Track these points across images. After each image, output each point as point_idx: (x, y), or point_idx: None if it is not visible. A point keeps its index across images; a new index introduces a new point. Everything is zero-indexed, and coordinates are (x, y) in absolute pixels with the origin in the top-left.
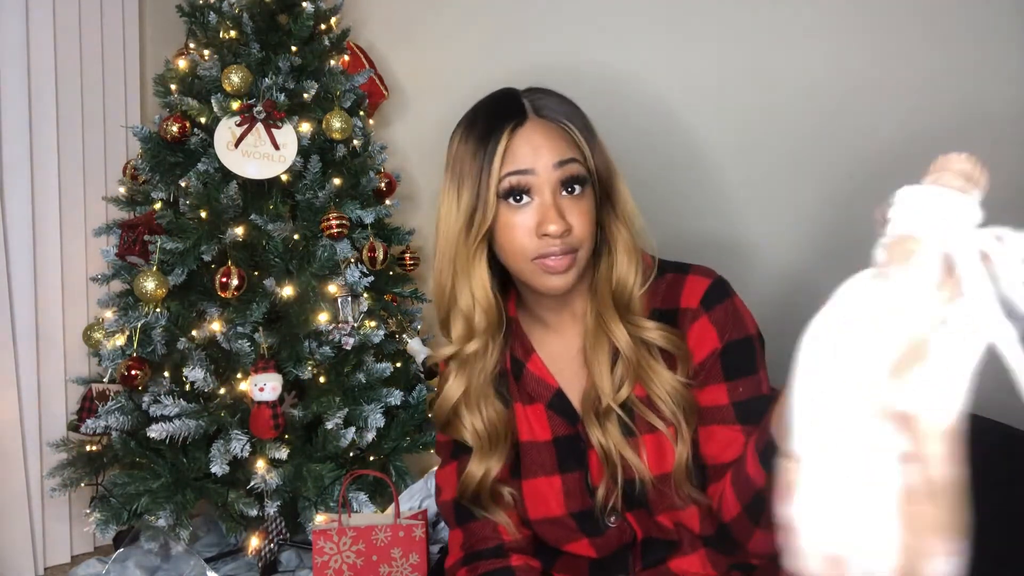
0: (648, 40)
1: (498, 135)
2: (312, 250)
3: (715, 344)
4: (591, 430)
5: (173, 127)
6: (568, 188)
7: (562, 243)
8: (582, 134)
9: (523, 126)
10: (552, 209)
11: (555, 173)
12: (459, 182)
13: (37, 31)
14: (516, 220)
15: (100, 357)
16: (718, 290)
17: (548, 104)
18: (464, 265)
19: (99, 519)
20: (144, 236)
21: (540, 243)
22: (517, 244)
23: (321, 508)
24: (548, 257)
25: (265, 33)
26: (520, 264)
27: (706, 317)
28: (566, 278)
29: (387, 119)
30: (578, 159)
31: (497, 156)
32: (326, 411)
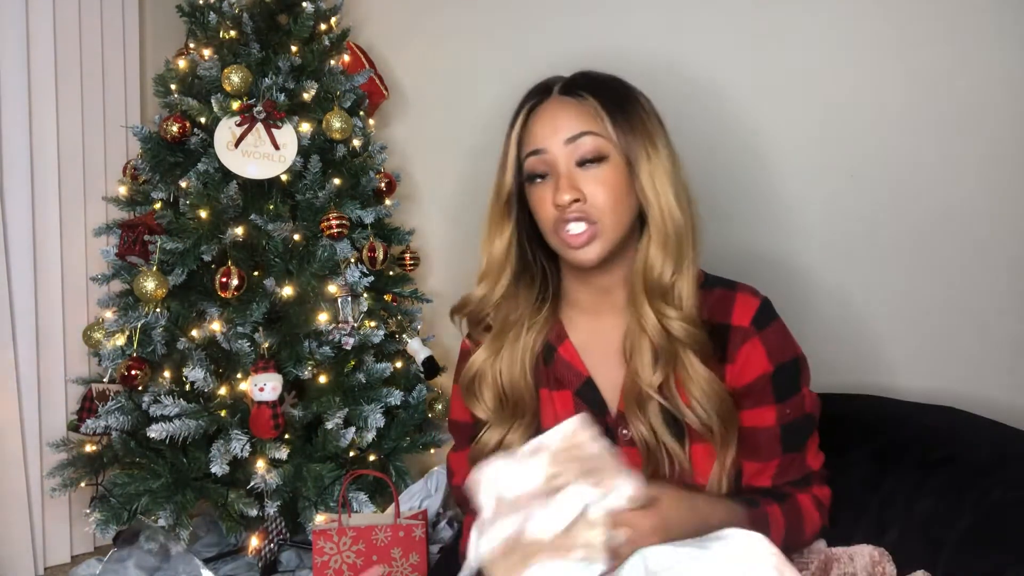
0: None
1: (517, 116)
2: (312, 250)
3: (766, 367)
4: (634, 423)
5: (173, 127)
6: (585, 161)
7: (576, 211)
8: (606, 107)
9: (542, 104)
10: (564, 179)
11: (566, 149)
12: (499, 160)
13: (37, 31)
14: (540, 196)
15: (100, 357)
16: (767, 311)
17: (577, 80)
18: (493, 231)
19: (99, 519)
20: (144, 236)
21: (557, 214)
22: (542, 219)
23: (321, 508)
24: (566, 227)
25: (265, 33)
26: (552, 239)
27: (758, 338)
28: (588, 251)
29: (387, 119)
30: (594, 131)
31: (514, 136)
32: (326, 411)
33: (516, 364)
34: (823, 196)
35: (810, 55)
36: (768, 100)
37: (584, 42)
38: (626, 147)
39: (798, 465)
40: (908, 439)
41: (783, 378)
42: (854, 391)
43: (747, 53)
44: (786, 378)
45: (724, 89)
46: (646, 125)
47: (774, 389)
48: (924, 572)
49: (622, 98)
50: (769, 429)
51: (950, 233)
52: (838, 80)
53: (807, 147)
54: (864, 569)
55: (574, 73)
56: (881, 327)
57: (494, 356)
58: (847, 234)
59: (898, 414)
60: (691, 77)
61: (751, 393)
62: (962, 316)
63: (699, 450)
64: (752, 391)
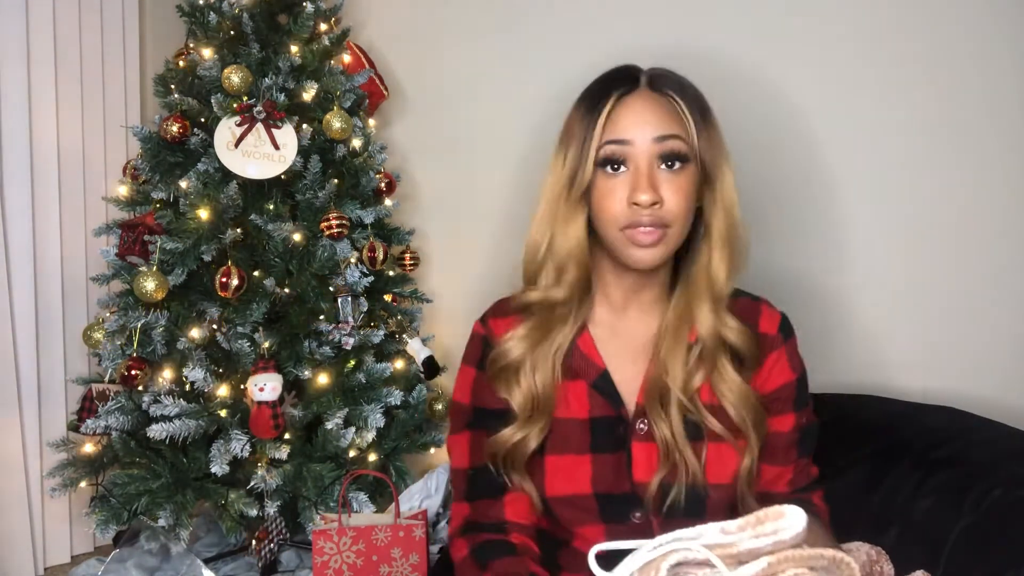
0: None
1: (605, 101)
2: (312, 250)
3: (789, 376)
4: (656, 422)
5: (173, 127)
6: (667, 162)
7: (652, 215)
8: (691, 112)
9: (630, 95)
10: (645, 179)
11: (654, 146)
12: (567, 145)
13: (37, 31)
14: (611, 187)
15: (100, 357)
16: (788, 323)
17: (664, 78)
18: (564, 222)
19: (99, 519)
20: (144, 236)
21: (630, 212)
22: (609, 212)
23: (321, 508)
24: (637, 228)
25: (265, 33)
26: (611, 232)
27: (784, 348)
28: (652, 253)
29: (387, 119)
30: (681, 136)
31: (600, 122)
32: (326, 411)
33: (548, 361)
34: (821, 196)
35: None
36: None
37: (587, 41)
38: (704, 156)
39: (806, 472)
40: (908, 439)
41: (803, 388)
42: (854, 391)
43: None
44: (804, 388)
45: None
46: (720, 138)
47: (796, 397)
48: (924, 572)
49: (704, 106)
50: (788, 434)
51: (950, 233)
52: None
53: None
54: (861, 568)
55: (653, 67)
56: (881, 327)
57: (531, 349)
58: (846, 234)
59: (898, 414)
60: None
61: (776, 400)
62: (962, 316)
63: (714, 451)
64: (776, 399)
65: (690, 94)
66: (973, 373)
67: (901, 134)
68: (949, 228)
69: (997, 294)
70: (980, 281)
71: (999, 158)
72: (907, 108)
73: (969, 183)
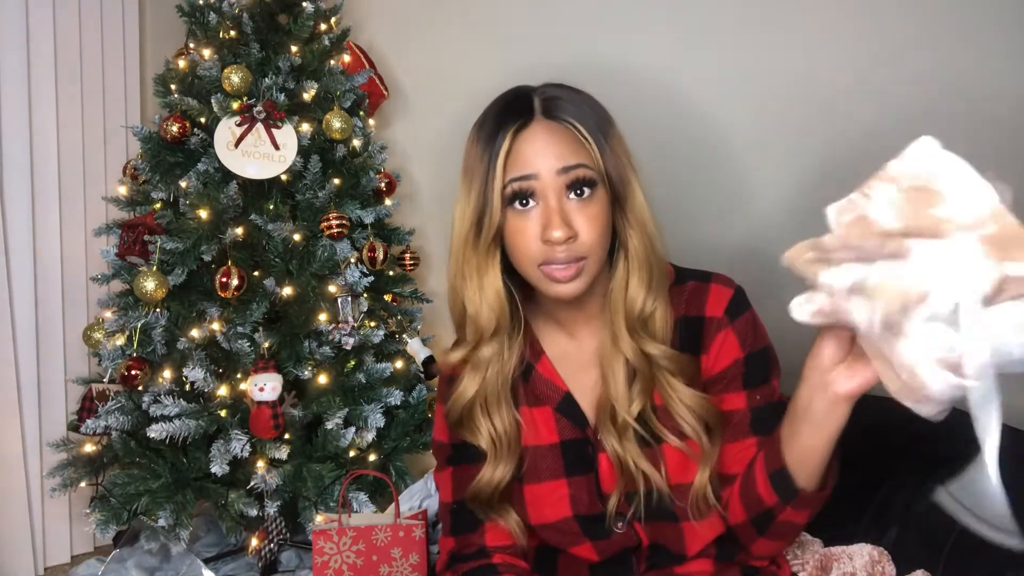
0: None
1: (502, 138)
2: (312, 250)
3: (737, 354)
4: (607, 438)
5: (173, 127)
6: (576, 191)
7: (567, 250)
8: (593, 136)
9: (527, 127)
10: (556, 215)
11: (559, 178)
12: (469, 183)
13: (37, 31)
14: (522, 225)
15: (100, 357)
16: (740, 300)
17: (559, 103)
18: (473, 269)
19: (99, 519)
20: (144, 236)
21: (545, 249)
22: (523, 251)
23: (321, 508)
24: (553, 264)
25: (265, 33)
26: (529, 270)
27: (730, 328)
28: (572, 286)
29: (387, 119)
30: (585, 163)
31: (499, 160)
32: (326, 411)
33: (500, 400)
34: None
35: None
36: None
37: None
38: (612, 175)
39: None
40: (908, 439)
41: (754, 365)
42: None
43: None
44: (756, 366)
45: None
46: (625, 151)
47: (745, 375)
48: (924, 572)
49: (603, 122)
50: (739, 412)
51: None
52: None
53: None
54: (863, 568)
55: (544, 86)
56: None
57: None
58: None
59: (898, 414)
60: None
61: (722, 379)
62: None
63: (674, 454)
64: (723, 377)
65: (586, 113)
66: None
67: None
68: None
69: None
70: None
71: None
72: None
73: None
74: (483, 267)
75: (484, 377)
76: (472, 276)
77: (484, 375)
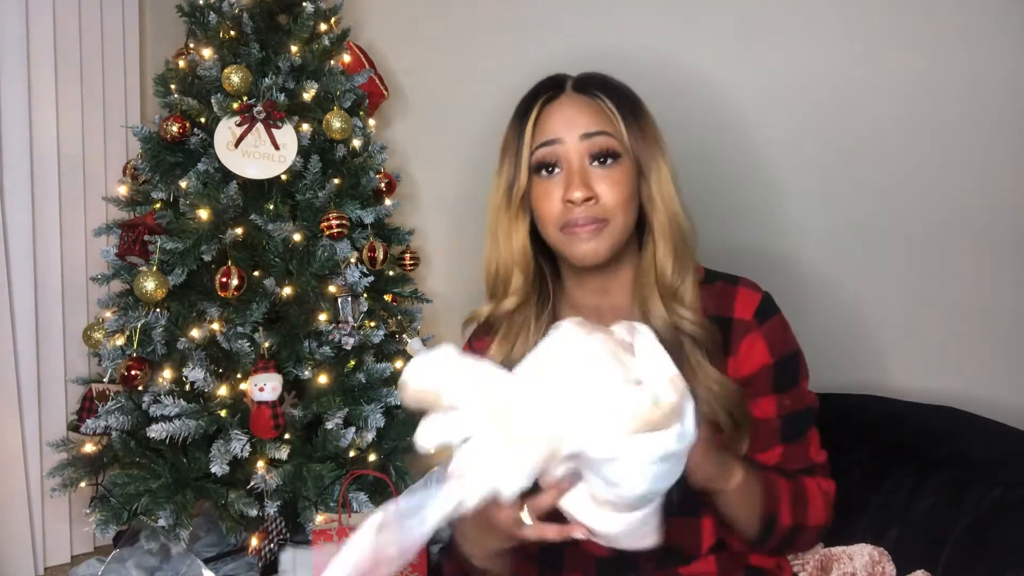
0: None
1: (531, 108)
2: (312, 250)
3: (766, 359)
4: None
5: (173, 127)
6: (599, 159)
7: (586, 212)
8: (619, 110)
9: (556, 99)
10: (577, 176)
11: (583, 144)
12: (503, 157)
13: (37, 31)
14: (546, 189)
15: (100, 357)
16: (769, 304)
17: (590, 80)
18: (505, 232)
19: (99, 519)
20: (144, 236)
21: (565, 210)
22: (547, 213)
23: (321, 508)
24: (575, 224)
25: (265, 33)
26: (552, 233)
27: (759, 331)
28: (594, 245)
29: (387, 119)
30: (609, 132)
31: (528, 128)
32: (326, 411)
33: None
34: (820, 195)
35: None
36: (762, 96)
37: (584, 41)
38: (637, 151)
39: (801, 456)
40: (908, 439)
41: (783, 370)
42: (854, 391)
43: (739, 49)
44: (786, 371)
45: (717, 85)
46: (654, 132)
47: (774, 381)
48: (924, 572)
49: (633, 103)
50: (768, 420)
51: (949, 232)
52: (834, 79)
53: (802, 145)
54: (864, 569)
55: (582, 72)
56: (881, 327)
57: (504, 359)
58: (845, 233)
59: (898, 414)
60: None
61: (751, 384)
62: (962, 316)
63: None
64: (752, 382)
65: (617, 92)
66: (973, 373)
67: (899, 133)
68: (950, 228)
69: (997, 294)
70: (981, 281)
71: (999, 157)
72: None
73: (969, 182)
74: (511, 229)
75: (511, 349)
76: (502, 239)
77: (511, 347)
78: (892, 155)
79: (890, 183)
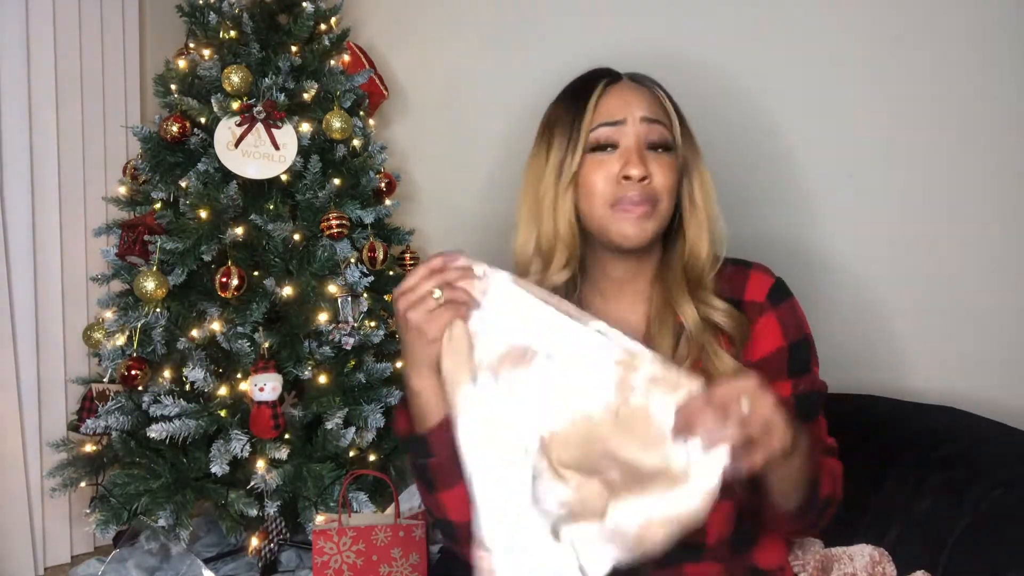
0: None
1: (592, 88)
2: (312, 250)
3: (780, 342)
4: None
5: (173, 127)
6: (655, 148)
7: (641, 189)
8: (672, 105)
9: (617, 83)
10: (635, 154)
11: (643, 127)
12: (550, 137)
13: (37, 31)
14: (600, 167)
15: (100, 357)
16: (782, 288)
17: (644, 76)
18: (551, 208)
19: (99, 519)
20: (144, 236)
21: (618, 187)
22: (598, 190)
23: (321, 508)
24: (626, 203)
25: (265, 33)
26: (599, 211)
27: (772, 313)
28: (643, 226)
29: (387, 119)
30: (665, 123)
31: (590, 106)
32: (326, 411)
33: None
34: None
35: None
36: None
37: (585, 41)
38: (683, 147)
39: (814, 438)
40: (908, 439)
41: (797, 355)
42: (855, 391)
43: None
44: (799, 355)
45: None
46: (692, 134)
47: (789, 365)
48: (924, 572)
49: (677, 105)
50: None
51: (950, 233)
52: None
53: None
54: (864, 569)
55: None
56: (881, 327)
57: None
58: (844, 235)
59: (898, 414)
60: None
61: (764, 367)
62: (963, 316)
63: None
64: (765, 365)
65: (667, 93)
66: (973, 373)
67: (900, 130)
68: (949, 228)
69: (997, 294)
70: (980, 281)
71: (999, 157)
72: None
73: (971, 181)
74: (558, 205)
75: None
76: (547, 213)
77: None
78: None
79: (892, 185)
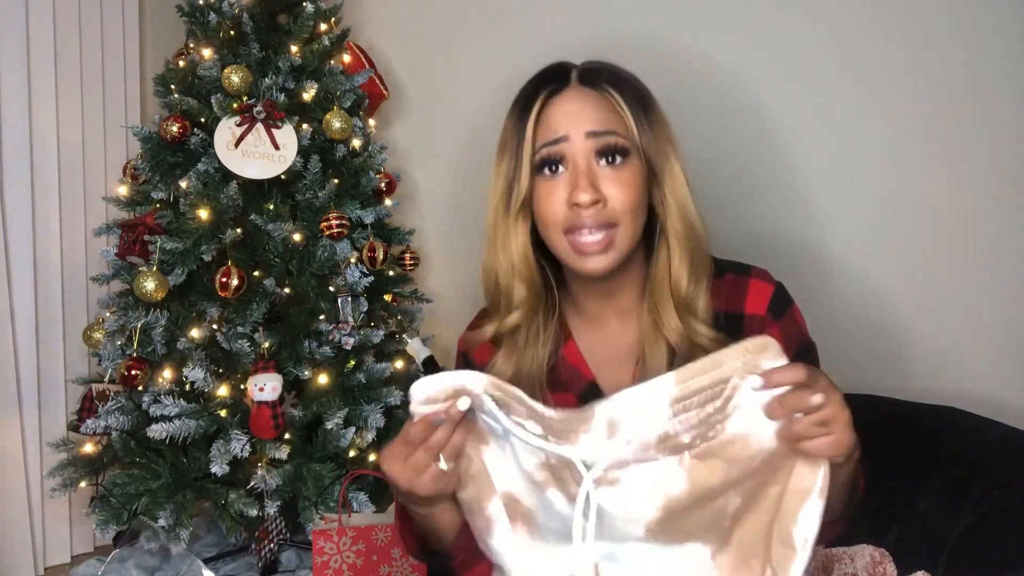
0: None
1: (533, 102)
2: (312, 250)
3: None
4: None
5: (173, 127)
6: (606, 158)
7: (594, 215)
8: (628, 106)
9: (560, 93)
10: (583, 177)
11: (589, 142)
12: (501, 155)
13: (37, 31)
14: (549, 191)
15: (100, 357)
16: (782, 296)
17: (597, 72)
18: (504, 238)
19: (99, 519)
20: (144, 236)
21: (571, 214)
22: (549, 216)
23: (321, 508)
24: (580, 232)
25: (265, 33)
26: (556, 238)
27: (776, 327)
28: (602, 260)
29: (387, 119)
30: (617, 131)
31: (529, 125)
32: (326, 411)
33: (533, 383)
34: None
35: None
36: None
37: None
38: (648, 151)
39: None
40: (908, 439)
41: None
42: (855, 391)
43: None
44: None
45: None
46: (666, 129)
47: None
48: (925, 572)
49: (643, 98)
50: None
51: (951, 234)
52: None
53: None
54: (865, 569)
55: (587, 61)
56: (881, 327)
57: (515, 375)
58: (844, 236)
59: (898, 414)
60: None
61: None
62: (963, 316)
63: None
64: None
65: (626, 85)
66: (973, 373)
67: (902, 131)
68: (950, 228)
69: (997, 294)
70: (980, 281)
71: (1000, 158)
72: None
73: (970, 183)
74: (511, 234)
75: (519, 360)
76: (502, 246)
77: (519, 359)
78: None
79: (891, 186)
